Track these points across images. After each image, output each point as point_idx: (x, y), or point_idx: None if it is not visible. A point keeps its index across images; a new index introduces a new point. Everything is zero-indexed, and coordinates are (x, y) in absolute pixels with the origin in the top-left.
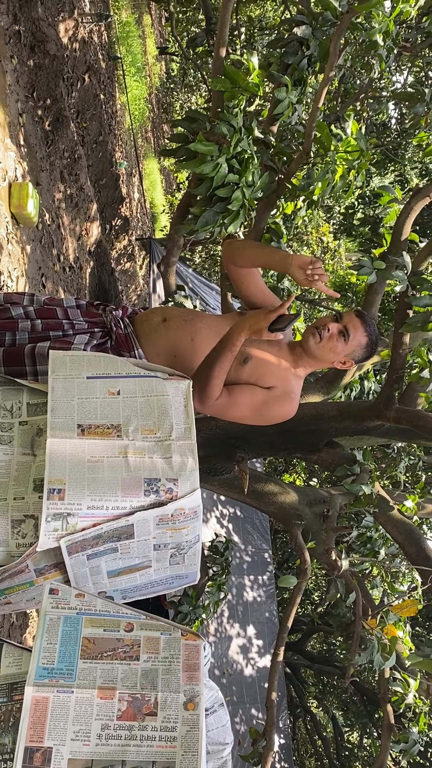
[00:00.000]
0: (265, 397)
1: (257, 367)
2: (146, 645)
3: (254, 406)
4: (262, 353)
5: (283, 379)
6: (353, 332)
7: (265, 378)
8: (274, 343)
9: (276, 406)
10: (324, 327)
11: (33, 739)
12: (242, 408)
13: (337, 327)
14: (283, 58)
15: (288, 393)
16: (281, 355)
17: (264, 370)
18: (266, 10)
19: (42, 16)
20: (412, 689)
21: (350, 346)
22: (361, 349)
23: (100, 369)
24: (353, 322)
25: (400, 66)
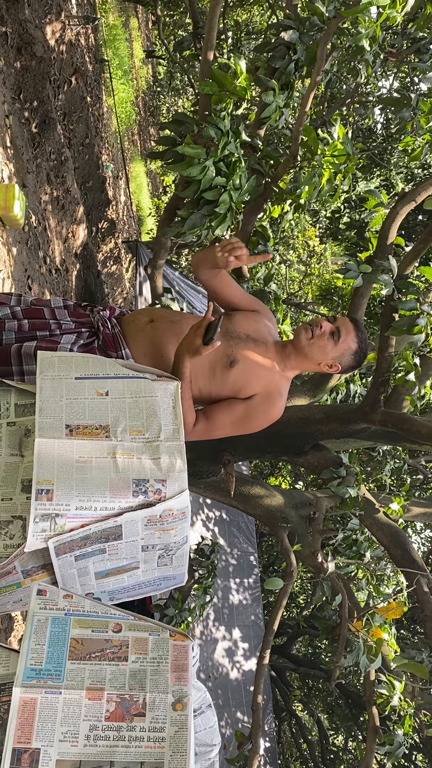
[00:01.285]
0: (246, 410)
1: (244, 369)
2: (134, 646)
3: (235, 421)
4: (248, 354)
5: (268, 381)
6: (344, 335)
7: (251, 383)
8: (260, 344)
9: (259, 414)
10: (317, 325)
11: (21, 740)
12: (224, 427)
13: (330, 327)
14: (270, 62)
15: (272, 395)
16: (268, 354)
17: (250, 373)
18: (253, 14)
19: (29, 17)
20: (397, 691)
21: (340, 348)
22: (350, 355)
23: (89, 370)
24: (346, 325)
25: (386, 71)
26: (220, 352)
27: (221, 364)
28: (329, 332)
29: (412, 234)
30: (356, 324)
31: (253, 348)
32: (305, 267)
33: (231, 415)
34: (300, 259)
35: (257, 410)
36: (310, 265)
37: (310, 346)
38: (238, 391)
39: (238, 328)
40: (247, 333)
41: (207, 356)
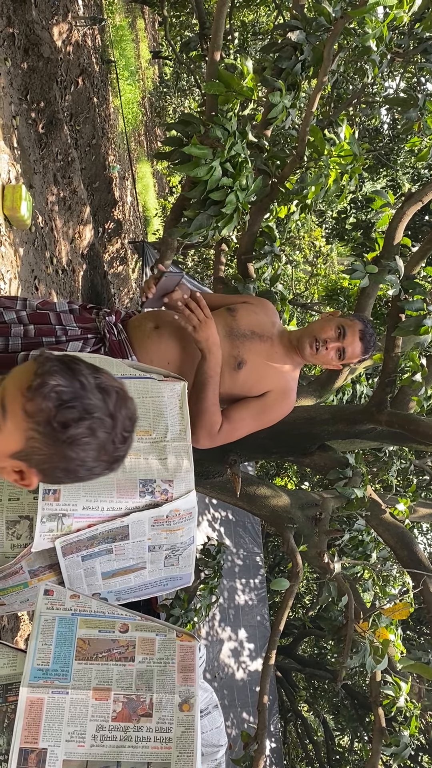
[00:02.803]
0: (262, 405)
1: (252, 369)
2: (141, 646)
3: (255, 416)
4: (255, 355)
5: (278, 379)
6: (350, 352)
7: (262, 382)
8: (265, 339)
9: (276, 408)
10: (324, 344)
11: (28, 740)
12: (245, 424)
13: (336, 347)
14: (276, 62)
15: (284, 391)
16: (274, 349)
17: (259, 373)
18: (260, 15)
19: (36, 19)
20: (403, 692)
21: (344, 361)
22: (356, 360)
23: None
24: (354, 345)
25: (393, 72)
26: (227, 353)
27: (229, 366)
28: (334, 351)
29: (418, 234)
30: (364, 339)
31: (259, 345)
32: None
33: (249, 411)
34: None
35: (273, 405)
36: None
37: (313, 358)
38: (249, 390)
39: (242, 325)
40: (251, 329)
41: None
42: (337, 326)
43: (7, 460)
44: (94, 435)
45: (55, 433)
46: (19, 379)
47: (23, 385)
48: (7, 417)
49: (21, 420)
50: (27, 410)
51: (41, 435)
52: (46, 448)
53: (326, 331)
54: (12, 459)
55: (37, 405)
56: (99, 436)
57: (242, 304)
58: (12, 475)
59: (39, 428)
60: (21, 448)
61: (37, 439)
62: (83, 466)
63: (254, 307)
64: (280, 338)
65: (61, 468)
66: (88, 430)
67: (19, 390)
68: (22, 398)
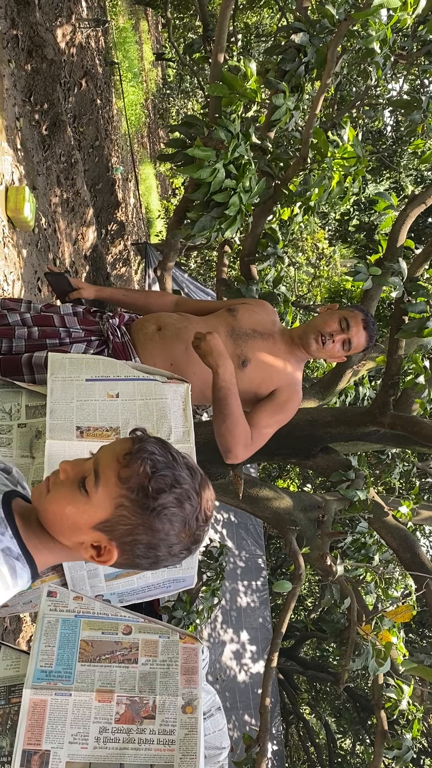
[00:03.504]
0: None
1: (257, 367)
2: (144, 648)
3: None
4: (259, 353)
5: (283, 376)
6: (356, 343)
7: (268, 380)
8: (267, 337)
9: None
10: (330, 337)
11: (31, 741)
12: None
13: (342, 339)
14: (280, 64)
15: (292, 386)
16: (277, 347)
17: (264, 370)
18: (263, 17)
19: (40, 20)
20: (405, 695)
21: (350, 352)
22: (360, 351)
23: (99, 372)
24: (359, 335)
25: (396, 74)
26: (230, 352)
27: (233, 365)
28: (340, 343)
29: (422, 236)
30: (368, 329)
31: (262, 343)
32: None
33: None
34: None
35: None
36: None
37: (319, 353)
38: (257, 387)
39: (243, 324)
40: (253, 328)
41: None
42: (340, 319)
43: (90, 532)
44: (182, 506)
45: (146, 500)
46: (115, 448)
47: (120, 453)
48: (99, 483)
49: (114, 486)
50: (121, 476)
51: (131, 502)
52: (133, 517)
53: (330, 325)
54: (95, 530)
55: (134, 470)
56: (185, 509)
57: (242, 305)
58: (89, 551)
59: (131, 495)
60: (108, 518)
61: (126, 507)
62: (165, 541)
63: (253, 307)
64: (282, 336)
65: (144, 543)
66: (176, 501)
67: (115, 457)
68: (118, 464)
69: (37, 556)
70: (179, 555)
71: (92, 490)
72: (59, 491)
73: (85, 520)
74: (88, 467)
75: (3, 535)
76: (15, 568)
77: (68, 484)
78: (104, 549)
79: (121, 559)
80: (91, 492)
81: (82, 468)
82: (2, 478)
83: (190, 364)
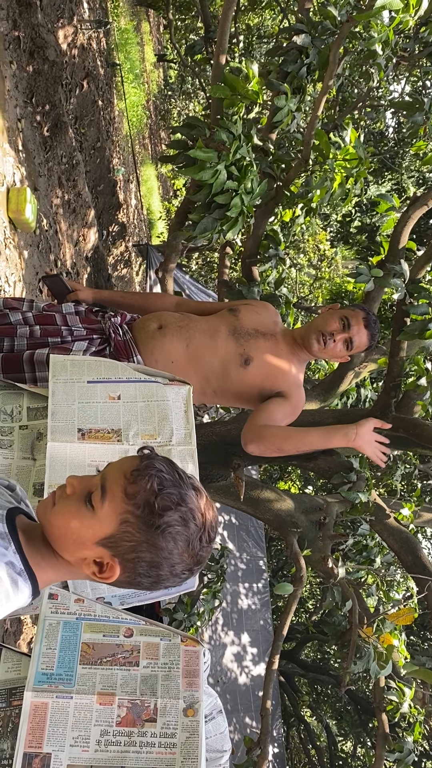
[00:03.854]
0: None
1: (260, 366)
2: (146, 651)
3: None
4: (261, 352)
5: (287, 377)
6: (358, 342)
7: (270, 380)
8: (269, 337)
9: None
10: (331, 337)
11: (32, 744)
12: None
13: (344, 338)
14: (282, 66)
15: (297, 388)
16: (279, 347)
17: (267, 369)
18: (265, 18)
19: (41, 22)
20: (407, 698)
21: (352, 351)
22: (361, 352)
23: (101, 373)
24: (361, 334)
25: (398, 75)
26: (232, 351)
27: (235, 364)
28: (342, 342)
29: (423, 238)
30: (370, 327)
31: (264, 343)
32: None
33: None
34: (311, 263)
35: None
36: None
37: (321, 353)
38: (260, 386)
39: (246, 324)
40: (255, 327)
41: (219, 356)
42: (341, 318)
43: (93, 548)
44: (186, 525)
45: (151, 517)
46: (123, 464)
47: (128, 469)
48: (106, 498)
49: (120, 502)
50: (128, 492)
51: (137, 519)
52: (137, 534)
53: (331, 324)
54: (98, 546)
55: (140, 486)
56: (190, 528)
57: (244, 305)
58: (91, 567)
59: (137, 511)
60: (112, 533)
61: (131, 523)
62: (168, 559)
63: (256, 307)
64: (284, 337)
65: (147, 560)
66: (181, 519)
67: (123, 473)
68: (125, 480)
69: (39, 573)
70: (181, 575)
71: (98, 504)
72: (65, 505)
73: (89, 534)
74: (95, 482)
75: (6, 549)
76: (17, 583)
77: (74, 498)
78: (107, 565)
79: (123, 576)
80: (97, 507)
81: (89, 483)
82: (6, 495)
83: (190, 362)
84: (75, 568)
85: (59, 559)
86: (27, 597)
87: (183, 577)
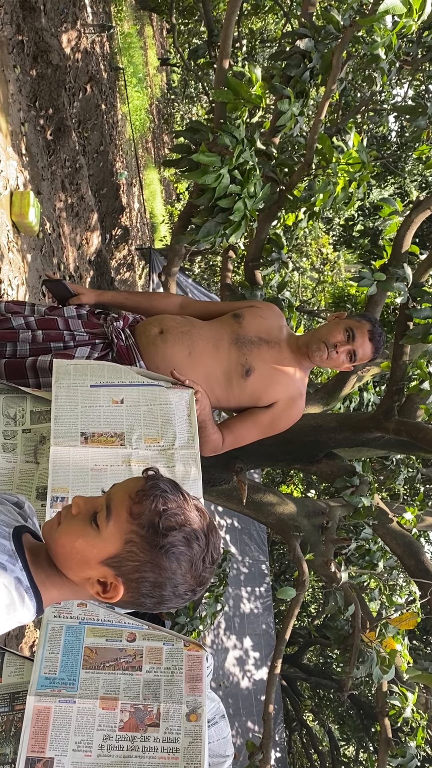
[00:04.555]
0: (270, 417)
1: (261, 377)
2: (149, 655)
3: (262, 429)
4: (263, 362)
5: (287, 385)
6: (361, 354)
7: (270, 390)
8: (273, 345)
9: (283, 418)
10: (334, 348)
11: (34, 749)
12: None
13: (347, 350)
14: (285, 70)
15: (293, 398)
16: (283, 355)
17: (269, 380)
18: (268, 22)
19: (45, 26)
20: (409, 703)
21: (356, 363)
22: (366, 360)
23: (104, 378)
24: (365, 347)
25: (401, 79)
26: (234, 361)
27: (237, 374)
28: (345, 354)
29: (426, 242)
30: (374, 340)
31: (267, 351)
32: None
33: (256, 426)
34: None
35: (281, 416)
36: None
37: (323, 363)
38: (258, 399)
39: (249, 331)
40: (258, 335)
41: (221, 365)
42: (346, 329)
43: (97, 567)
44: (190, 546)
45: (155, 537)
46: (128, 485)
47: (132, 490)
48: (111, 518)
49: (125, 522)
50: (132, 512)
51: (141, 539)
52: (142, 554)
53: (335, 335)
54: (102, 565)
55: (145, 507)
56: (193, 548)
57: (248, 309)
58: (95, 587)
59: (141, 531)
60: (117, 553)
61: (135, 543)
62: (171, 580)
63: (261, 311)
64: (288, 342)
65: (150, 581)
66: (185, 540)
67: (128, 493)
68: (130, 500)
69: (44, 592)
70: (183, 596)
71: (103, 524)
72: (70, 524)
73: (94, 554)
74: (100, 503)
75: (14, 566)
76: (23, 598)
77: (80, 518)
78: (110, 585)
79: (126, 596)
80: (102, 526)
81: (95, 503)
82: (14, 513)
83: (192, 369)
84: (79, 588)
85: (63, 578)
86: (32, 614)
87: (186, 598)
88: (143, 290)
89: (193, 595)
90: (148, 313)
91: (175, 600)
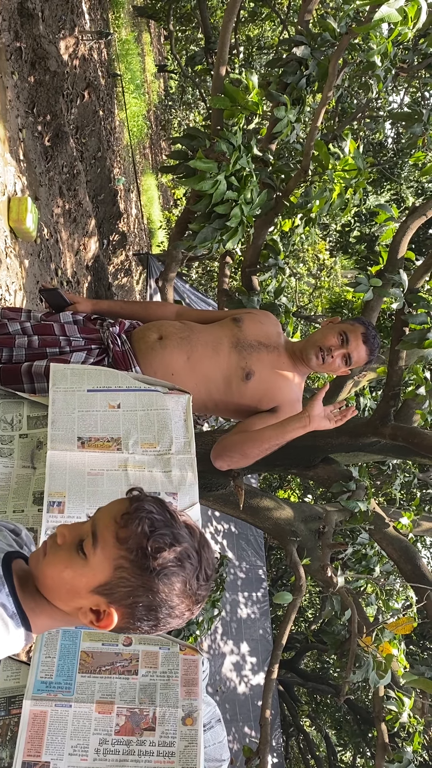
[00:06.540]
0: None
1: (261, 381)
2: (145, 659)
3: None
4: (263, 366)
5: (286, 392)
6: (356, 357)
7: (270, 394)
8: (272, 350)
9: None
10: (329, 352)
11: (31, 753)
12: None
13: (342, 354)
14: (282, 77)
15: (293, 403)
16: (281, 359)
17: (267, 384)
18: (265, 29)
19: (43, 33)
20: (406, 708)
21: (351, 366)
22: (362, 364)
23: (101, 382)
24: (359, 349)
25: (397, 86)
26: (234, 364)
27: (237, 377)
28: (340, 358)
29: (422, 248)
30: (368, 343)
31: (266, 356)
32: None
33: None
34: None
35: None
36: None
37: (319, 367)
38: (258, 402)
39: (249, 336)
40: (258, 340)
41: (221, 369)
42: (340, 333)
43: (88, 596)
44: (182, 566)
45: (145, 560)
46: (112, 509)
47: (117, 513)
48: (97, 545)
49: (112, 547)
50: (119, 537)
51: (131, 563)
52: (133, 579)
53: (329, 340)
54: (93, 594)
55: (131, 530)
56: (186, 568)
57: (247, 314)
58: (88, 615)
59: (130, 555)
60: (107, 580)
61: (126, 568)
62: (167, 602)
63: (259, 317)
64: (286, 348)
65: (144, 605)
66: (176, 560)
67: (113, 518)
68: (115, 525)
69: (33, 618)
70: (181, 617)
71: (90, 552)
72: (56, 555)
73: (83, 583)
74: (85, 530)
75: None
76: (8, 625)
77: (66, 547)
78: (104, 613)
79: (121, 622)
80: (89, 555)
81: (80, 531)
82: (9, 539)
83: (191, 374)
84: (71, 617)
85: (54, 607)
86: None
87: (183, 618)
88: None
89: (190, 613)
90: (145, 322)
91: (172, 621)
